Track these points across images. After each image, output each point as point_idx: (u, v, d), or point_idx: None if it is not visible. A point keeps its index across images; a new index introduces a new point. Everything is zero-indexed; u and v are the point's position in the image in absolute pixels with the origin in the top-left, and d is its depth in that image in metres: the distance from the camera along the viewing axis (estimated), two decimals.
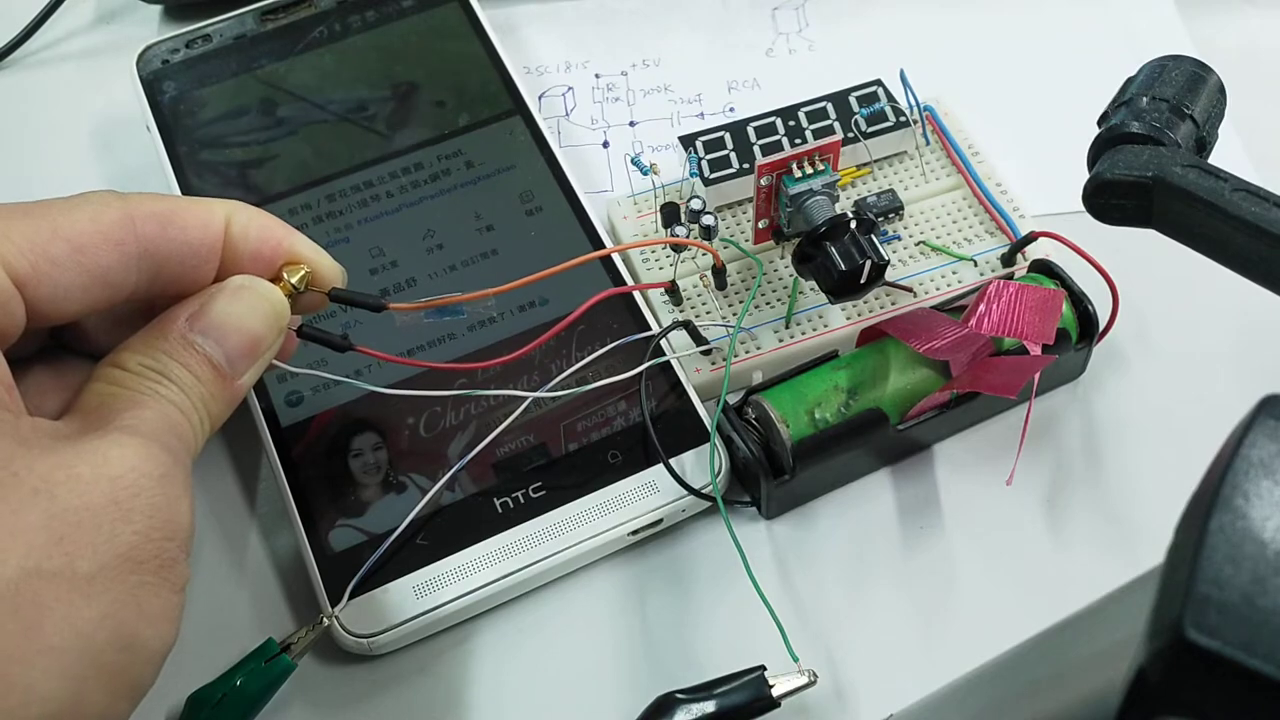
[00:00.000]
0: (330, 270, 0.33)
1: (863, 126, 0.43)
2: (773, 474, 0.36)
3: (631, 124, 0.49)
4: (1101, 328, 0.39)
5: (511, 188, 0.44)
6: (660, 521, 0.37)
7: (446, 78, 0.46)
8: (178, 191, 0.44)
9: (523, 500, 0.37)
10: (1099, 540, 0.37)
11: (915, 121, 0.44)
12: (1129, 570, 0.21)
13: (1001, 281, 0.37)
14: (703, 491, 0.36)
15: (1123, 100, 0.32)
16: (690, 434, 0.38)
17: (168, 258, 0.30)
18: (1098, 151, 0.32)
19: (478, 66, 0.47)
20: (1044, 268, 0.40)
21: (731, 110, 0.49)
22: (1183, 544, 0.18)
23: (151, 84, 0.46)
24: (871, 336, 0.38)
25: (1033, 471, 0.38)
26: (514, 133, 0.45)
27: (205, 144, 0.45)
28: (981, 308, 0.36)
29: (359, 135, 0.45)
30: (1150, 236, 0.33)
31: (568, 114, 0.49)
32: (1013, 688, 0.24)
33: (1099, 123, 0.33)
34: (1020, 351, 0.37)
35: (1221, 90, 0.33)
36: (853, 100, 0.44)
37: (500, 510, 0.37)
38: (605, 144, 0.48)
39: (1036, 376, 0.36)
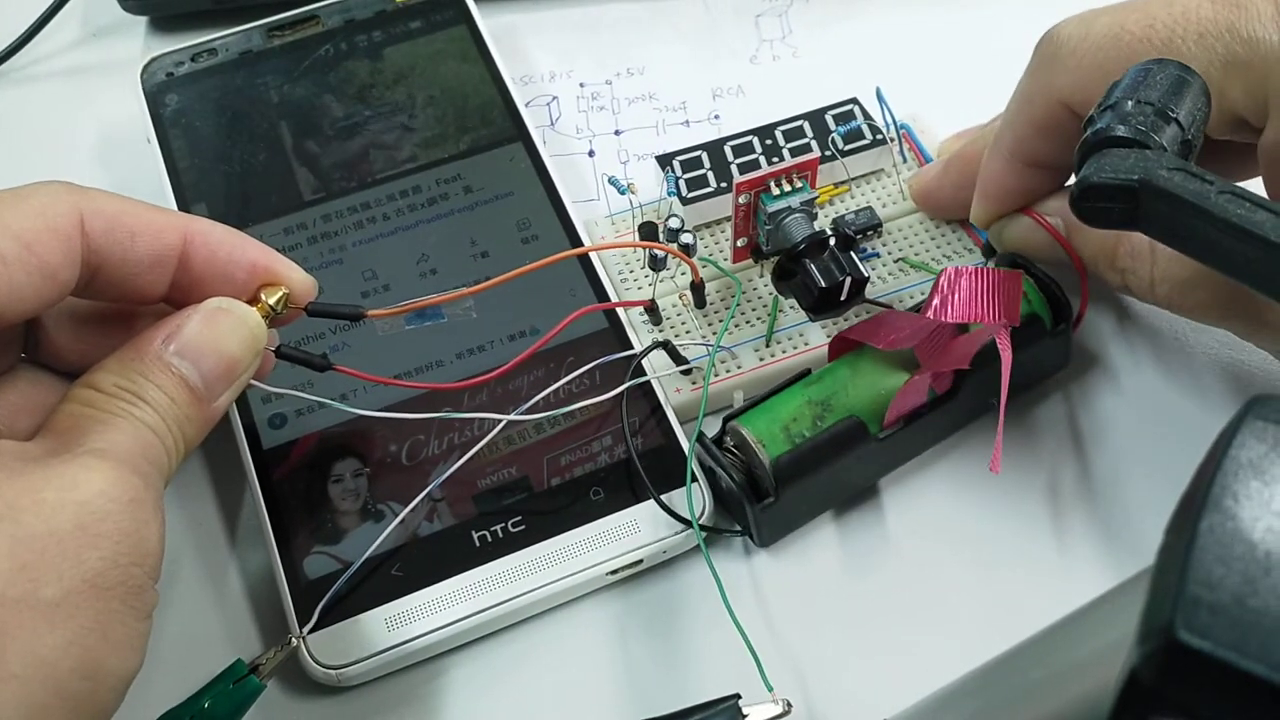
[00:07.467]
0: (304, 285, 0.33)
1: (839, 144, 0.43)
2: (756, 498, 0.35)
3: (617, 133, 0.48)
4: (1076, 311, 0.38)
5: (509, 215, 0.43)
6: (640, 562, 0.36)
7: (450, 100, 0.46)
8: (174, 205, 0.43)
9: (501, 535, 0.36)
10: (1089, 543, 0.37)
11: (891, 139, 0.43)
12: (1120, 573, 0.21)
13: (955, 268, 0.36)
14: (685, 522, 0.36)
15: (1108, 104, 0.32)
16: (672, 471, 0.37)
17: (109, 259, 0.30)
18: (1084, 156, 0.32)
19: (482, 90, 0.46)
20: (1009, 259, 0.39)
21: (717, 117, 0.48)
22: (1173, 546, 0.18)
23: (155, 96, 0.46)
24: (841, 349, 0.38)
25: (1021, 476, 0.38)
26: (514, 159, 0.44)
27: (205, 158, 0.44)
28: (936, 300, 0.35)
29: (359, 155, 0.45)
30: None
31: (553, 123, 0.49)
32: (1004, 693, 0.24)
33: (1084, 127, 0.32)
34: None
35: (1206, 93, 0.32)
36: (829, 118, 0.44)
37: (478, 544, 0.36)
38: (590, 153, 0.48)
39: (1008, 358, 0.35)
